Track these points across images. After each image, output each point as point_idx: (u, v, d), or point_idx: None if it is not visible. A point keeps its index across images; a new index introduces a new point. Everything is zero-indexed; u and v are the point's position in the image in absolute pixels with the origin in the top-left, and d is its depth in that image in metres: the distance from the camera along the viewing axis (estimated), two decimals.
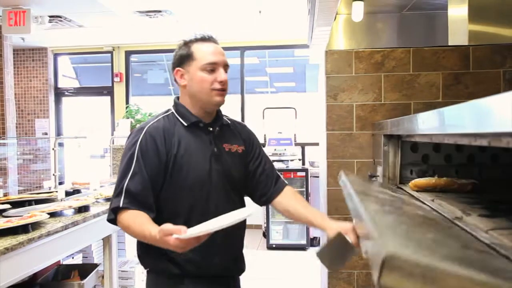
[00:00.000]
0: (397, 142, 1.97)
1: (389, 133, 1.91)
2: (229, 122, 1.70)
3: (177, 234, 1.17)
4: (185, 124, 1.56)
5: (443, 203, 1.35)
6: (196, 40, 1.58)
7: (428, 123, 1.17)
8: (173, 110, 1.61)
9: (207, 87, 1.53)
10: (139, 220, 1.37)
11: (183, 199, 1.49)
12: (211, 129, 1.60)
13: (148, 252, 1.53)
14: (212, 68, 1.53)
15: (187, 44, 1.58)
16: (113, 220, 1.45)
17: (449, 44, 2.39)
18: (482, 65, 2.28)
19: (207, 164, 1.53)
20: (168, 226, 1.20)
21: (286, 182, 1.74)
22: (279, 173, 1.76)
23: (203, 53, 1.54)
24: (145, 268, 1.59)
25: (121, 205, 1.40)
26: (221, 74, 1.54)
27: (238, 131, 1.71)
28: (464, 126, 0.86)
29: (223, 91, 1.56)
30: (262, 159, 1.73)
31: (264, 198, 1.69)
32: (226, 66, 1.58)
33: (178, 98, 1.65)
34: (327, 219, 1.49)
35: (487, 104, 0.72)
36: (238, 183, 1.63)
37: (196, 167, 1.51)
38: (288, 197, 1.67)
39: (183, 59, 1.57)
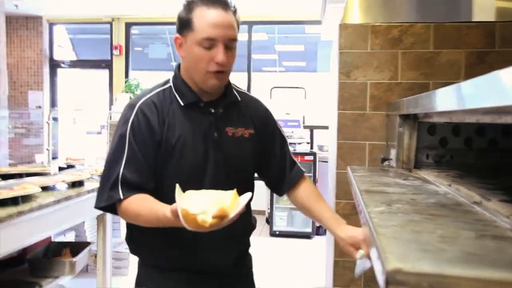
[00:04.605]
0: (413, 123, 1.94)
1: (405, 113, 1.88)
2: (239, 99, 1.53)
3: None
4: (182, 103, 1.42)
5: (460, 188, 1.34)
6: (201, 2, 1.35)
7: (448, 99, 1.15)
8: (171, 84, 1.46)
9: (202, 67, 1.35)
10: (146, 204, 1.28)
11: (171, 190, 1.32)
12: (212, 110, 1.44)
13: (137, 241, 1.47)
14: (210, 44, 1.33)
15: (189, 5, 1.37)
16: (105, 208, 1.37)
17: (474, 20, 2.34)
18: (509, 43, 2.23)
19: (202, 153, 1.40)
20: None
21: (302, 171, 1.64)
22: (295, 160, 1.65)
23: (202, 23, 1.33)
24: (131, 253, 1.53)
25: (121, 196, 1.30)
26: (219, 54, 1.33)
27: (249, 111, 1.54)
28: (488, 99, 0.83)
29: (221, 73, 1.37)
30: (275, 144, 1.59)
31: (276, 189, 1.63)
32: (232, 41, 1.37)
33: (179, 67, 1.48)
34: (340, 225, 1.41)
35: None
36: (243, 173, 1.50)
37: (189, 156, 1.39)
38: (301, 191, 1.58)
39: (182, 24, 1.38)
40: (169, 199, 1.32)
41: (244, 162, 1.50)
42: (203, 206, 1.10)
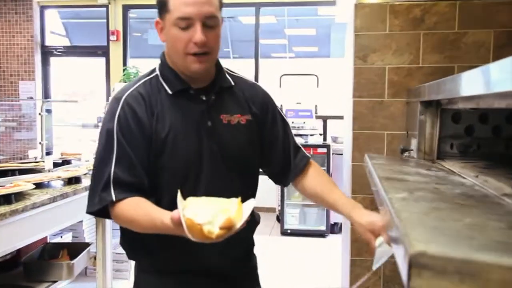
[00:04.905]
0: (436, 111, 1.94)
1: (426, 99, 1.88)
2: (233, 84, 1.53)
3: None
4: (170, 92, 1.41)
5: (489, 179, 1.33)
6: None
7: (475, 82, 1.15)
8: (158, 72, 1.46)
9: (180, 49, 1.35)
10: (142, 209, 1.28)
11: (167, 186, 1.39)
12: (204, 97, 1.44)
13: (132, 244, 1.47)
14: (186, 24, 1.32)
15: None
16: (98, 212, 1.36)
17: None
18: None
19: (196, 144, 1.40)
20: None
21: (308, 156, 1.63)
22: (299, 145, 1.65)
23: (176, 2, 1.33)
24: (129, 258, 1.54)
25: (114, 198, 1.30)
26: (196, 33, 1.31)
27: (245, 96, 1.54)
28: None
29: (203, 55, 1.35)
30: (277, 129, 1.59)
31: (281, 179, 1.63)
32: (211, 19, 1.35)
33: (164, 54, 1.48)
34: (356, 209, 1.40)
35: None
36: (242, 163, 1.49)
37: (181, 149, 1.38)
38: (310, 178, 1.58)
39: (160, 7, 1.38)
40: (167, 196, 1.36)
41: (242, 150, 1.48)
42: (208, 216, 1.10)
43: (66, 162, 3.32)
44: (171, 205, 1.20)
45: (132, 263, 3.51)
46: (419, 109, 1.98)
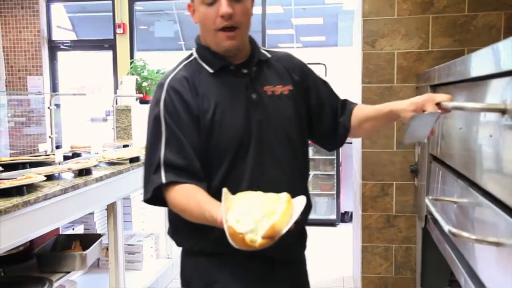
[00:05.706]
0: None
1: (436, 82, 1.87)
2: (269, 56, 1.55)
3: None
4: (211, 70, 1.44)
5: None
6: None
7: (486, 62, 1.14)
8: (195, 55, 1.49)
9: (210, 26, 1.37)
10: (193, 199, 1.29)
11: (215, 164, 1.40)
12: (245, 71, 1.46)
13: (179, 232, 1.49)
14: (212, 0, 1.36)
15: None
16: (152, 200, 1.38)
17: None
18: None
19: (244, 117, 1.41)
20: None
21: (354, 104, 1.63)
22: (345, 98, 1.66)
23: None
24: (178, 246, 1.55)
25: (164, 180, 1.32)
26: (221, 5, 1.33)
27: (284, 66, 1.55)
28: None
29: (232, 30, 1.37)
30: (320, 90, 1.60)
31: (335, 138, 1.61)
32: None
33: (199, 37, 1.51)
34: (394, 102, 1.44)
35: None
36: (290, 133, 1.49)
37: (229, 124, 1.40)
38: (354, 114, 1.58)
39: None
40: (218, 176, 1.39)
41: (289, 120, 1.49)
42: (251, 223, 1.08)
43: (76, 155, 3.34)
44: (222, 185, 1.23)
45: (145, 254, 3.52)
46: None
